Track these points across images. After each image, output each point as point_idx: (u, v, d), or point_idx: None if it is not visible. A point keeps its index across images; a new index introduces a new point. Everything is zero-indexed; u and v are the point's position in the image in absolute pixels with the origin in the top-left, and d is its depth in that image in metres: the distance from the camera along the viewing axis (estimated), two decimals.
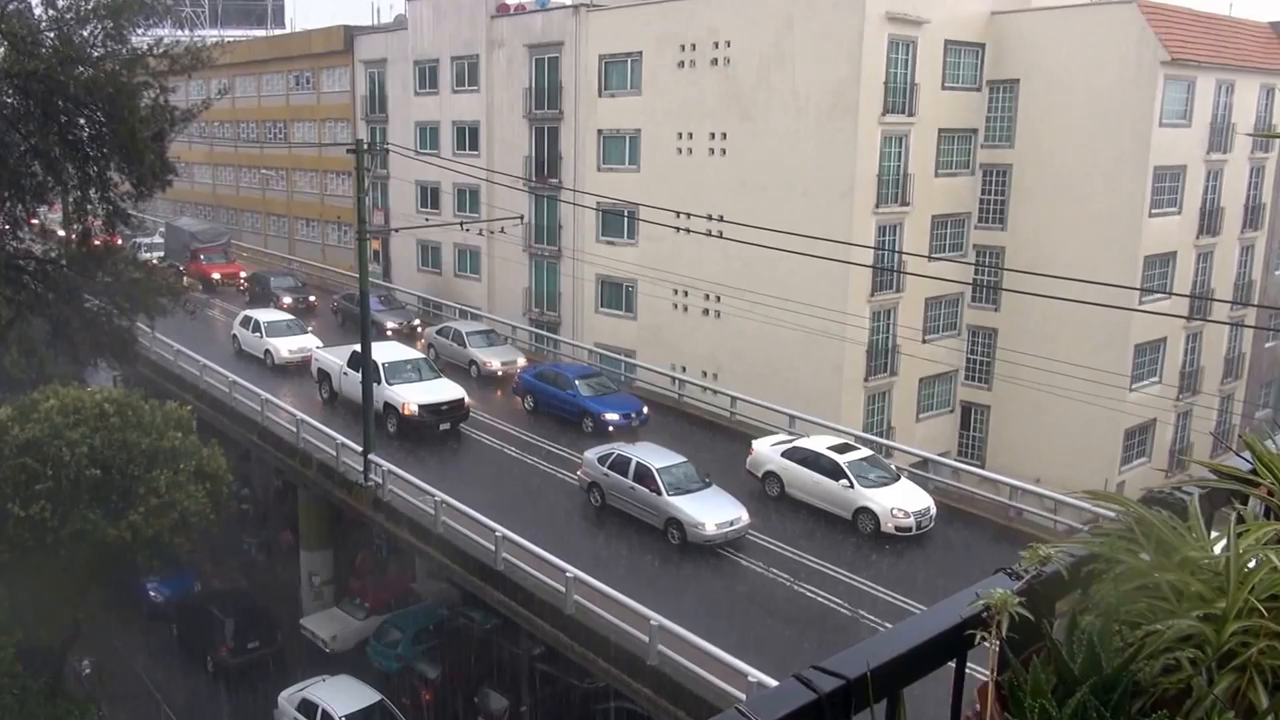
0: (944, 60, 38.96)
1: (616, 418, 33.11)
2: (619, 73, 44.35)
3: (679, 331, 42.81)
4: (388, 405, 32.33)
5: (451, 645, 29.91)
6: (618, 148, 44.71)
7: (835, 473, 26.76)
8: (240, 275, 55.09)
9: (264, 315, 42.49)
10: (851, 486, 26.35)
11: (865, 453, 27.94)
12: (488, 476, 29.70)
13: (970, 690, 2.34)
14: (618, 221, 44.56)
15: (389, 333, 44.53)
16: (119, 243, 29.40)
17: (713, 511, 25.10)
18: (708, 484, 26.28)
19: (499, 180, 44.73)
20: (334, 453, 30.74)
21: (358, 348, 32.24)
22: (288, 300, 49.83)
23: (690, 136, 41.74)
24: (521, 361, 39.97)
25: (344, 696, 27.66)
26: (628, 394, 35.59)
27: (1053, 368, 35.41)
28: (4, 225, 26.18)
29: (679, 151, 42.21)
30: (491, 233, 45.57)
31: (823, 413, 34.79)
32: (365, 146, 28.91)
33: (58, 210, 34.62)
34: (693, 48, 41.14)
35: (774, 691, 2.08)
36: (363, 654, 31.27)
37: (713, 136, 41.04)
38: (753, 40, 39.10)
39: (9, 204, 25.43)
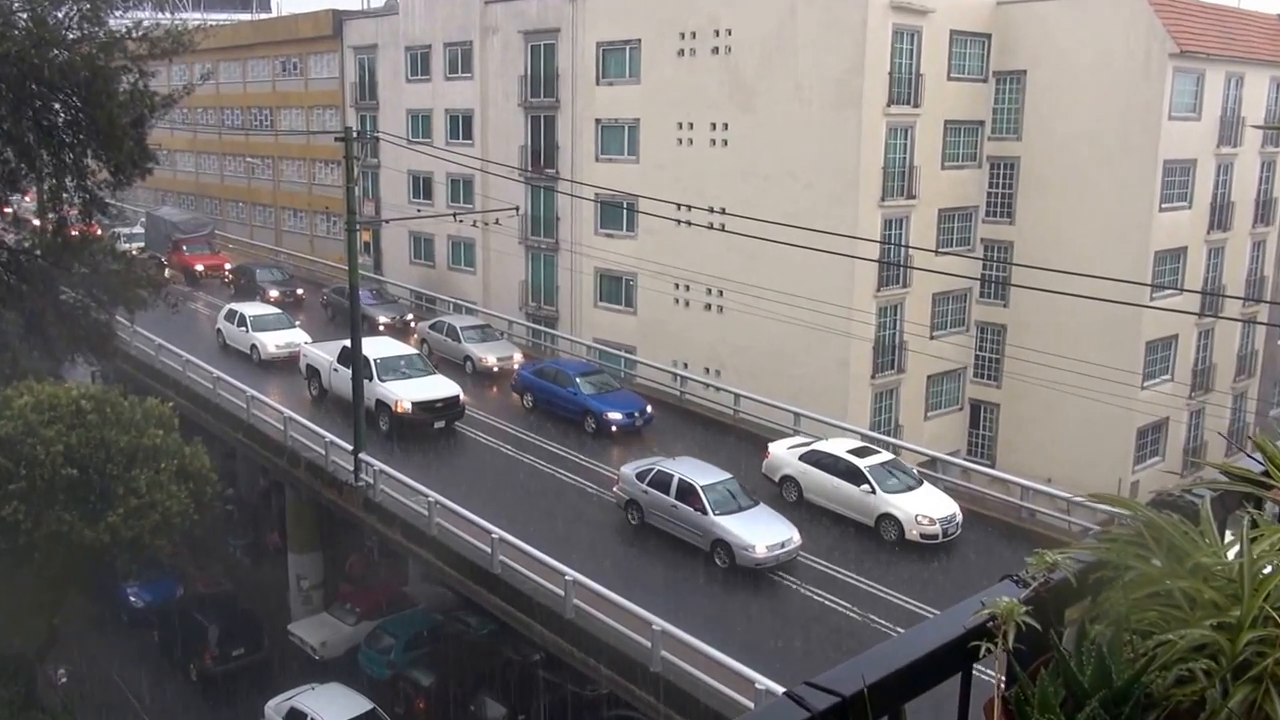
0: (949, 50, 38.97)
1: (619, 417, 33.04)
2: (617, 61, 44.33)
3: (680, 327, 42.84)
4: (380, 403, 32.27)
5: (446, 652, 29.71)
6: (616, 138, 44.71)
7: (855, 477, 26.72)
8: (225, 267, 55.09)
9: (249, 309, 42.47)
10: (873, 492, 26.30)
11: (886, 456, 27.92)
12: (494, 482, 29.41)
13: (976, 705, 2.31)
14: (617, 213, 44.63)
15: (380, 328, 44.47)
16: (97, 233, 29.25)
17: (763, 532, 24.33)
18: (755, 502, 25.55)
19: (494, 170, 44.40)
20: (323, 451, 30.69)
21: (349, 343, 32.02)
22: (274, 293, 49.78)
23: (691, 127, 41.76)
24: (518, 357, 40.04)
25: (334, 705, 27.28)
26: (631, 392, 35.55)
27: (1063, 365, 35.42)
28: None
29: (679, 142, 42.22)
30: (486, 224, 45.56)
31: (829, 411, 34.79)
32: (355, 134, 28.84)
33: (32, 198, 34.55)
34: (693, 35, 41.11)
35: (765, 711, 2.04)
36: (353, 661, 31.06)
37: (714, 127, 41.06)
38: (755, 28, 39.06)
39: None
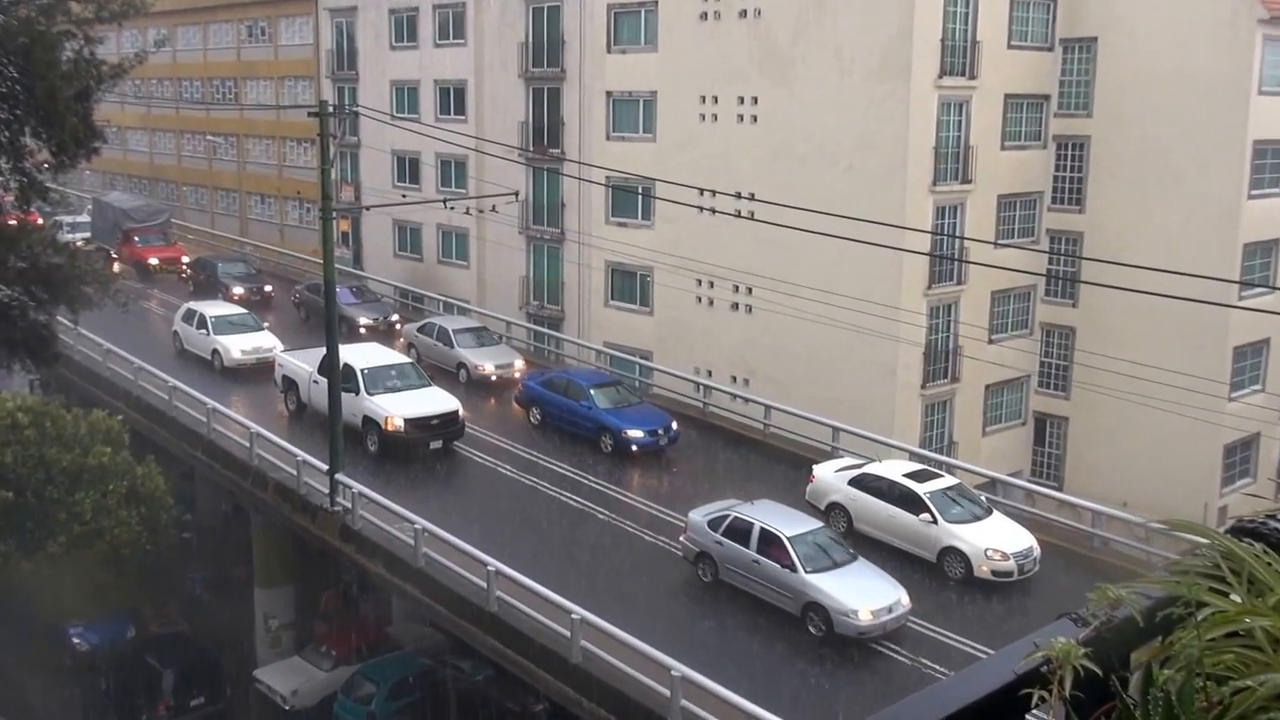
0: (1010, 14, 39.22)
1: (641, 435, 32.86)
2: (631, 25, 44.53)
3: (703, 329, 43.02)
4: (368, 419, 32.04)
5: (435, 700, 29.73)
6: (630, 113, 44.87)
7: (914, 505, 26.37)
8: (182, 261, 55.37)
9: (211, 309, 42.46)
10: (934, 522, 25.97)
11: (950, 481, 27.72)
12: (508, 518, 29.01)
13: None
14: (630, 200, 44.81)
15: (361, 330, 44.91)
16: (37, 221, 28.85)
17: (866, 593, 23.06)
18: (853, 556, 24.46)
19: (490, 151, 44.57)
20: (294, 472, 30.57)
21: None
22: (239, 291, 49.81)
23: (715, 101, 41.83)
24: (519, 365, 40.08)
25: None
26: (653, 406, 35.48)
27: (1140, 373, 35.42)
28: None
29: (702, 118, 42.30)
30: (481, 212, 45.41)
31: (873, 425, 34.54)
32: (331, 109, 28.67)
33: None
34: None
35: None
36: (329, 712, 30.97)
37: (741, 101, 41.15)
38: None
39: None
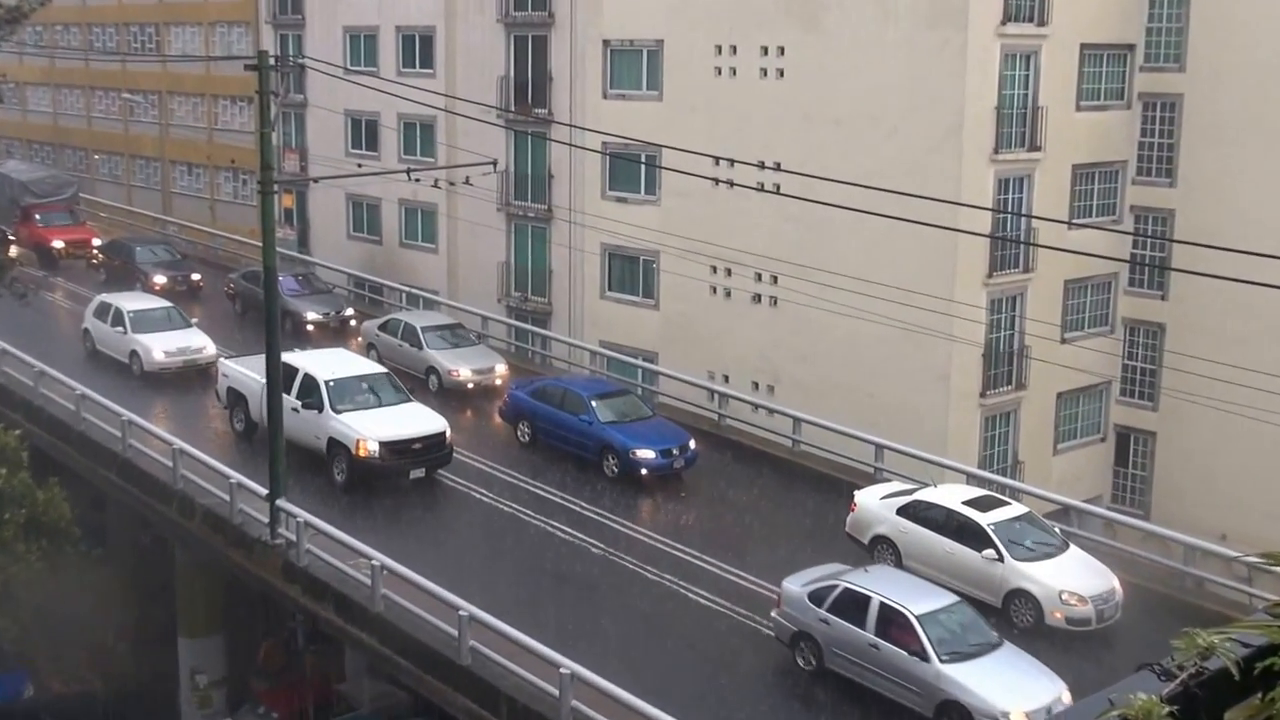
0: None
1: (653, 456, 32.81)
2: None
3: (719, 326, 43.04)
4: (334, 443, 31.93)
5: None
6: (631, 66, 44.90)
7: (975, 539, 26.31)
8: (93, 243, 55.40)
9: (129, 302, 42.50)
10: (1000, 559, 25.91)
11: (1017, 509, 27.63)
12: (511, 565, 28.90)
13: None
14: (632, 170, 44.72)
15: (309, 326, 45.15)
16: None
17: (1018, 691, 21.96)
18: (998, 640, 23.39)
19: (464, 111, 44.32)
20: (227, 497, 30.48)
21: (291, 357, 32.47)
22: (161, 279, 49.93)
23: (733, 51, 41.90)
24: (502, 370, 40.18)
25: None
26: (666, 420, 35.43)
27: (1243, 379, 35.42)
28: None
29: (718, 72, 42.36)
30: (453, 185, 45.27)
31: (923, 441, 34.64)
32: (272, 61, 28.70)
33: None
34: None
35: None
36: None
37: (765, 52, 41.18)
38: None
39: None
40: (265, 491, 29.01)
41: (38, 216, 55.99)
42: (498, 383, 39.11)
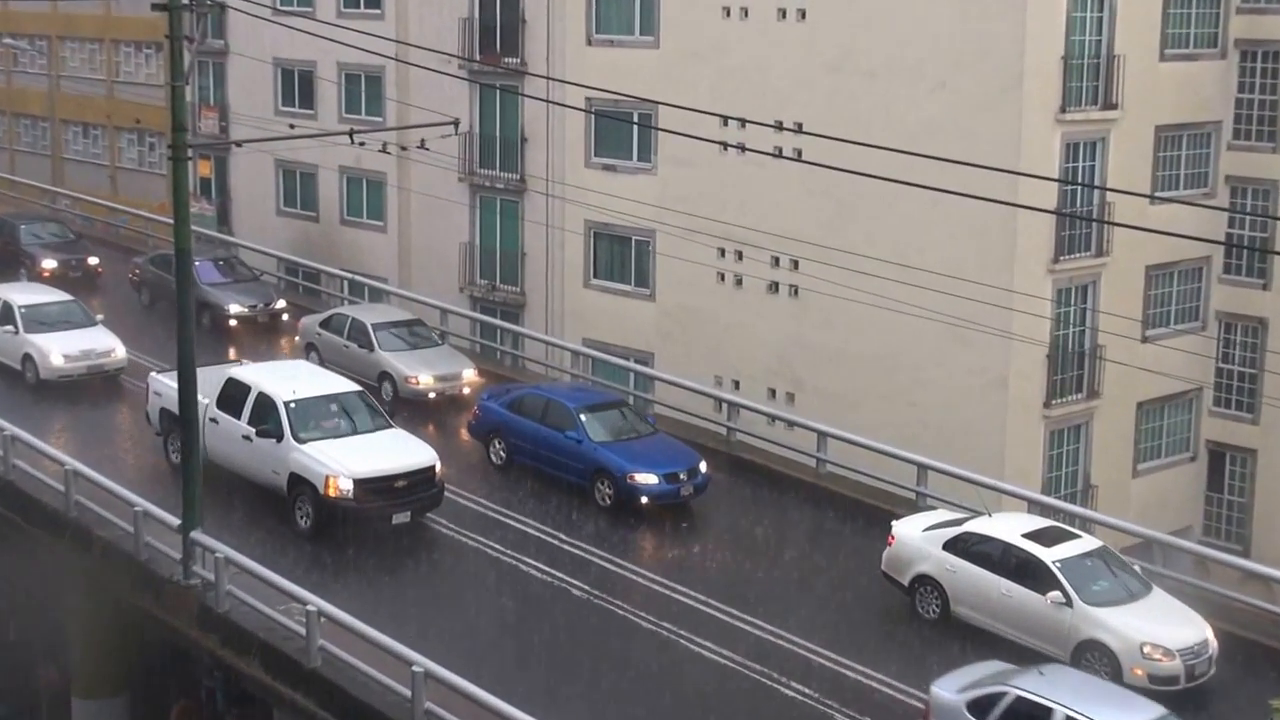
0: None
1: (656, 482, 32.63)
2: None
3: (728, 321, 43.16)
4: (298, 480, 31.37)
5: None
6: (622, 4, 45.00)
7: (1039, 579, 26.29)
8: None
9: (19, 294, 42.46)
10: (1068, 604, 25.86)
11: (1089, 543, 27.56)
12: (510, 630, 28.59)
13: None
14: (622, 133, 44.78)
15: (232, 320, 45.08)
16: None
17: None
18: None
19: (418, 60, 44.54)
20: (131, 528, 30.26)
21: (243, 372, 32.30)
22: (51, 264, 50.00)
23: None
24: (471, 376, 39.95)
25: None
26: (670, 438, 35.27)
27: None
28: None
29: (726, 13, 42.49)
30: (405, 149, 45.03)
31: (975, 461, 34.68)
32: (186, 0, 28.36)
33: None
34: None
35: None
36: None
37: None
38: None
39: None
40: (177, 522, 28.71)
41: None
42: (466, 391, 38.94)
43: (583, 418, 33.96)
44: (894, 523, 29.37)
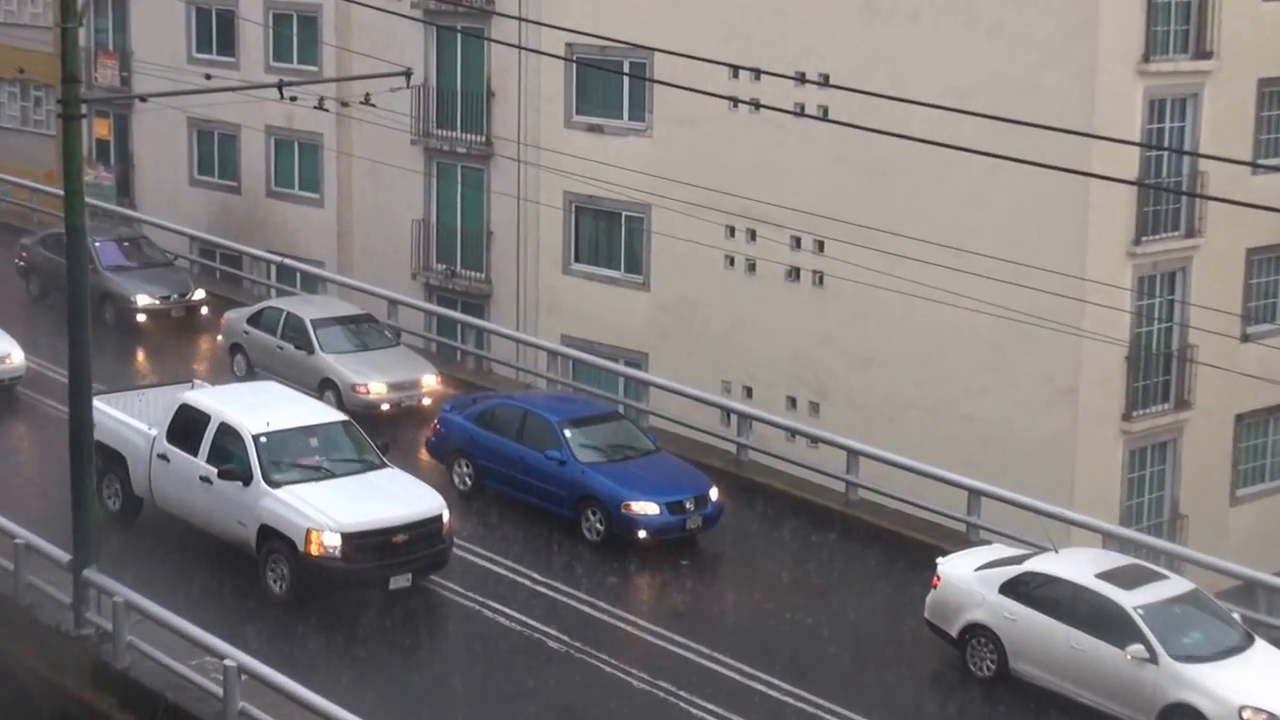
0: None
1: (657, 512, 32.65)
2: None
3: (738, 315, 43.78)
4: (270, 534, 30.85)
5: None
6: None
7: (1116, 628, 26.35)
8: None
9: None
10: (1153, 659, 25.95)
11: (1178, 586, 27.73)
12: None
13: None
14: (610, 85, 45.37)
15: (140, 315, 45.11)
16: None
17: None
18: None
19: None
20: (10, 565, 30.26)
21: (199, 397, 32.40)
22: None
23: None
24: (432, 383, 40.20)
25: None
26: (676, 458, 35.36)
27: None
28: None
29: None
30: (346, 105, 45.13)
31: (1038, 485, 34.81)
32: None
33: None
34: None
35: None
36: None
37: None
38: None
39: None
40: (67, 558, 28.70)
41: None
42: (426, 402, 39.13)
43: (567, 434, 33.97)
44: (940, 560, 29.38)
